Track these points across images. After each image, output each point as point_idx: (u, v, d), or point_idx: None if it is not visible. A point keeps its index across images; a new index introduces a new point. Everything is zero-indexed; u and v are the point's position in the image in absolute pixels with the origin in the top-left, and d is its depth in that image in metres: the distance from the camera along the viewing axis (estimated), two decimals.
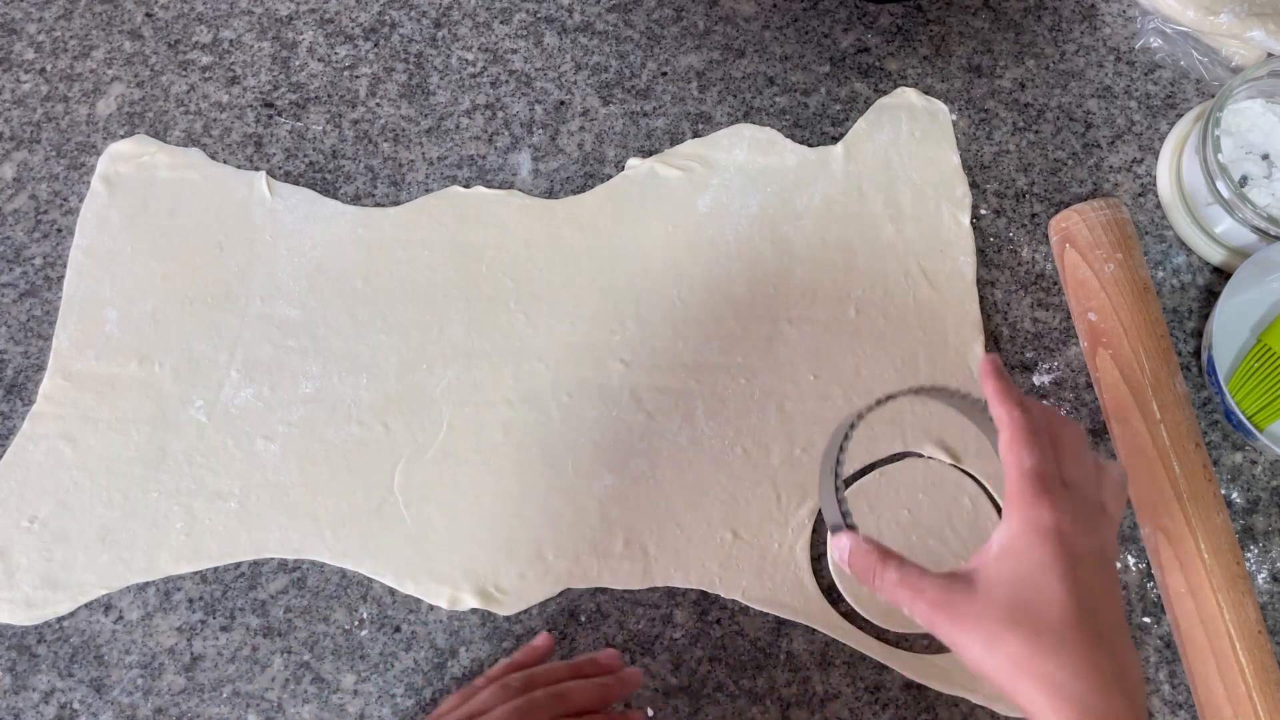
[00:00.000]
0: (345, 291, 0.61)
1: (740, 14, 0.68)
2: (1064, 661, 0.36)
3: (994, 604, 0.38)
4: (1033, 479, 0.39)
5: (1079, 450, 0.42)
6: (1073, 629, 0.36)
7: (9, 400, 0.60)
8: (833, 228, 0.62)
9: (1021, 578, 0.38)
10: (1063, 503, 0.39)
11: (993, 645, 0.37)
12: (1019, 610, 0.37)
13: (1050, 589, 0.37)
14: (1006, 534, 0.39)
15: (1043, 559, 0.38)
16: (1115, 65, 0.66)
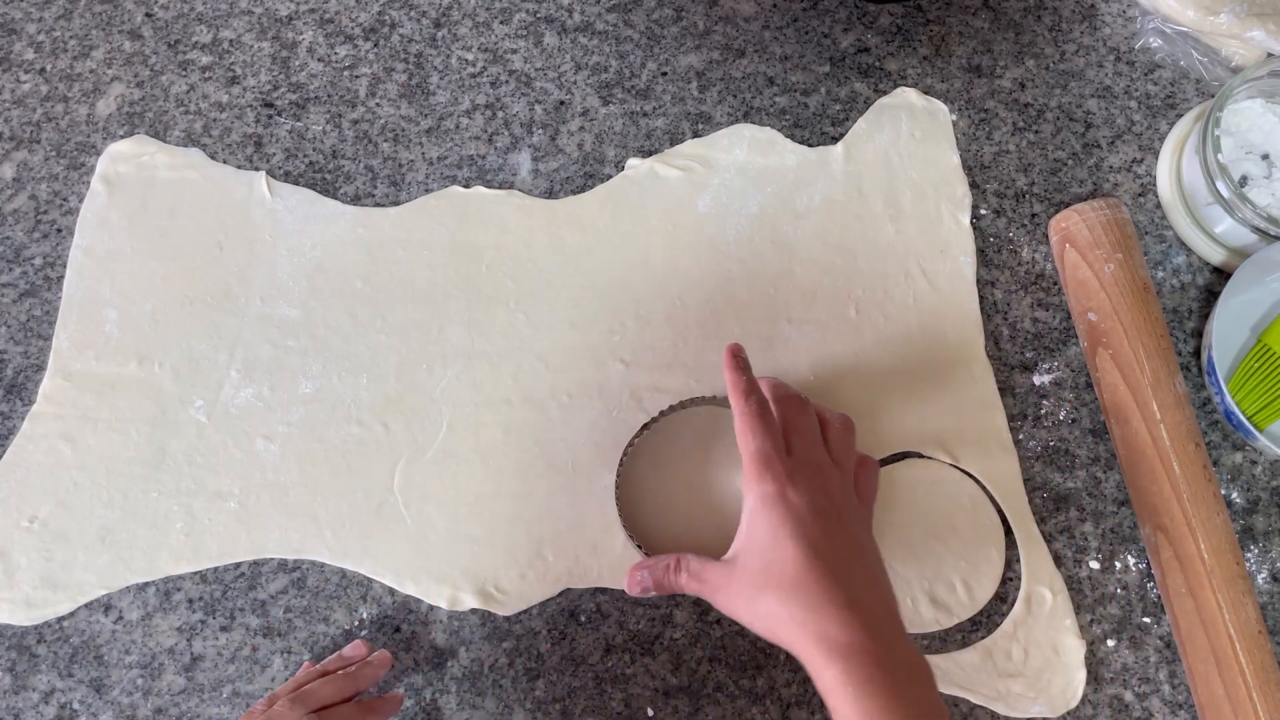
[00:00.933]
0: (345, 291, 0.61)
1: (740, 14, 0.68)
2: (804, 603, 0.43)
3: (749, 573, 0.45)
4: (758, 458, 0.46)
5: (800, 418, 0.49)
6: (806, 574, 0.43)
7: (9, 400, 0.60)
8: (833, 228, 0.62)
9: (762, 546, 0.45)
10: (782, 473, 0.46)
11: (754, 606, 0.45)
12: (767, 573, 0.44)
13: (783, 548, 0.44)
14: (747, 511, 0.46)
15: (773, 524, 0.45)
16: (1115, 65, 0.66)
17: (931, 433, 0.57)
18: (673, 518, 0.54)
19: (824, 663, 0.42)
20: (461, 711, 0.53)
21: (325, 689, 0.50)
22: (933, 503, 0.56)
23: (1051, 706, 0.52)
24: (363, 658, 0.53)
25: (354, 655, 0.53)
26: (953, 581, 0.55)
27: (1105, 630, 0.54)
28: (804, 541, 0.44)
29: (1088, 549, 0.56)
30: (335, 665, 0.52)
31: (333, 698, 0.50)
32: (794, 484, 0.45)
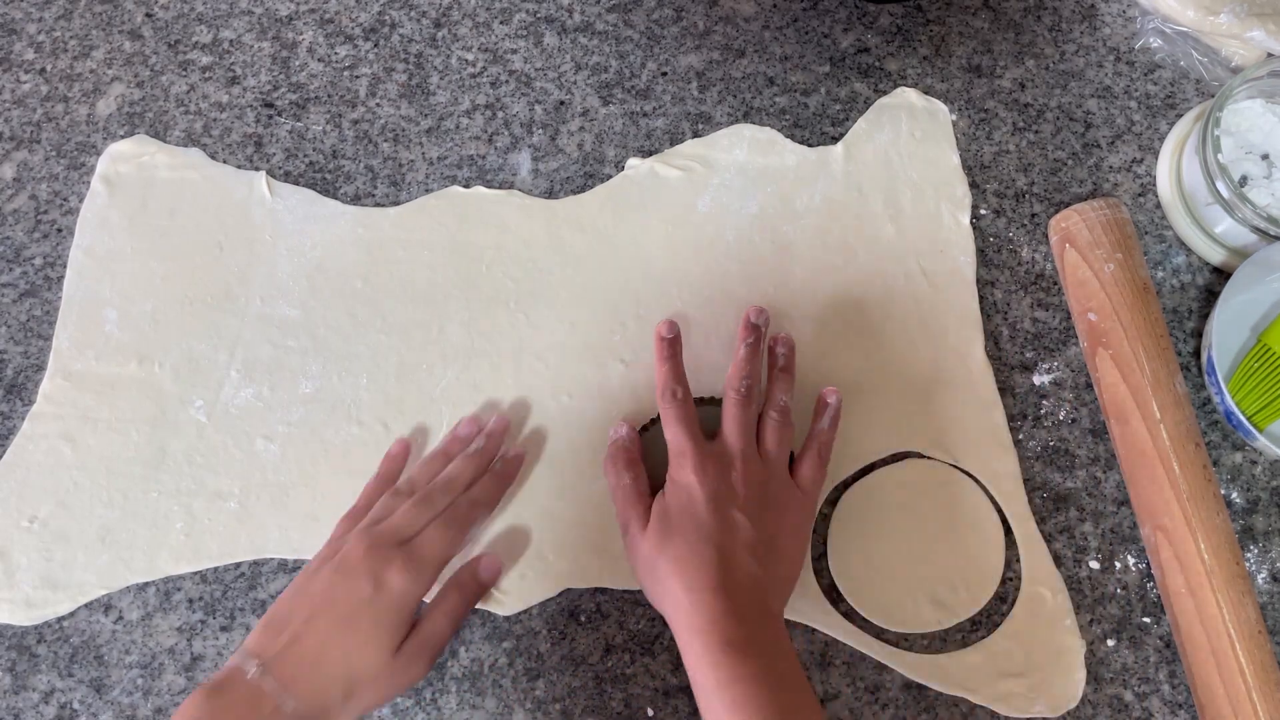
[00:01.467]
0: (345, 291, 0.61)
1: (740, 14, 0.68)
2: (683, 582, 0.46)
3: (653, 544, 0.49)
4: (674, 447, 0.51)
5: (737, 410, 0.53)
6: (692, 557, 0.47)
7: (9, 400, 0.60)
8: (833, 228, 0.62)
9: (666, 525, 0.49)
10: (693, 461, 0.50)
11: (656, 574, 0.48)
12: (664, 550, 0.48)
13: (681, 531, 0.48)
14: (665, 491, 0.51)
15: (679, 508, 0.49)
16: (1115, 65, 0.66)
17: (931, 433, 0.57)
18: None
19: (685, 637, 0.45)
20: (461, 711, 0.53)
21: (464, 471, 0.54)
22: (933, 503, 0.56)
23: (1051, 706, 0.52)
24: (477, 433, 0.56)
25: (469, 433, 0.56)
26: (953, 581, 0.55)
27: (1105, 630, 0.54)
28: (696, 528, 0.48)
29: (1088, 549, 0.56)
30: (458, 447, 0.56)
31: (472, 477, 0.54)
32: (698, 472, 0.49)
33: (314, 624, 0.46)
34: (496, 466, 0.55)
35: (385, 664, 0.46)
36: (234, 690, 0.44)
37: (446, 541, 0.50)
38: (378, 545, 0.49)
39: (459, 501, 0.52)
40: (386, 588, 0.47)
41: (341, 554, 0.49)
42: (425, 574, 0.49)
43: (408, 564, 0.48)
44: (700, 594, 0.46)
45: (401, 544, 0.49)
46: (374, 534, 0.49)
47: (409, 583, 0.48)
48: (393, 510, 0.51)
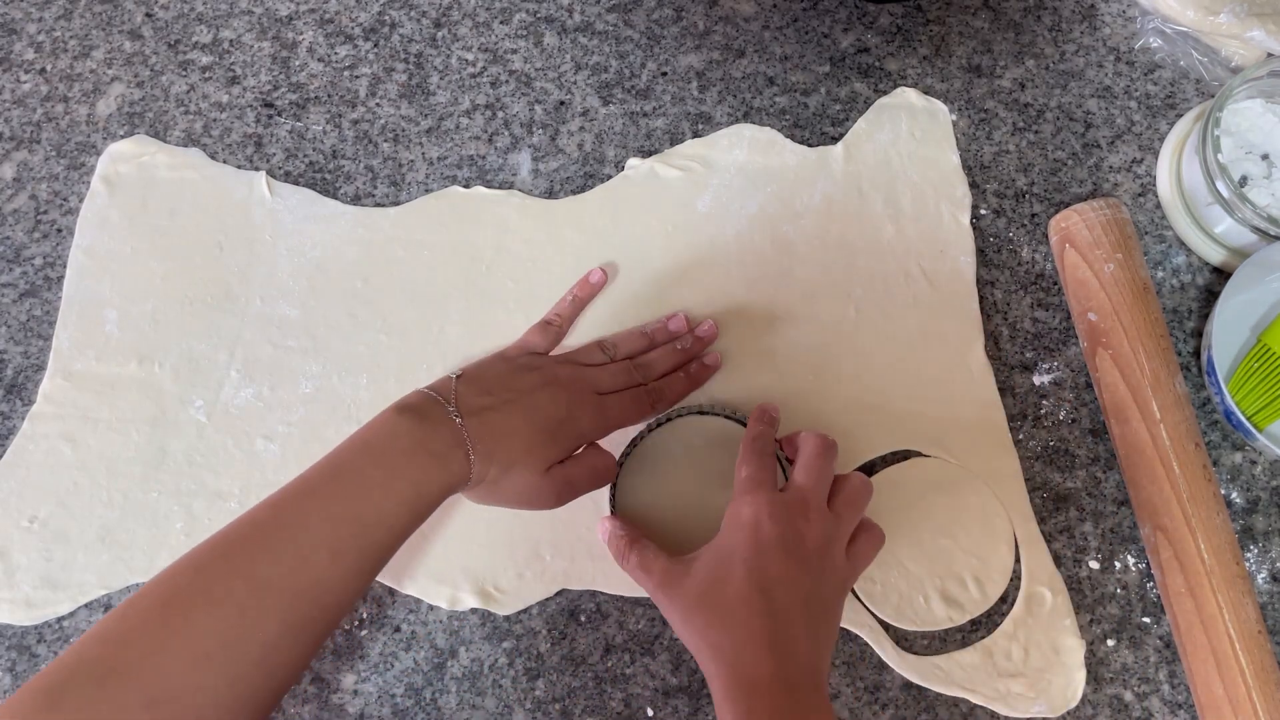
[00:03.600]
0: (345, 291, 0.61)
1: (740, 14, 0.68)
2: (730, 632, 0.43)
3: (696, 585, 0.45)
4: (744, 485, 0.48)
5: (813, 460, 0.49)
6: (743, 606, 0.43)
7: (9, 400, 0.60)
8: (833, 228, 0.62)
9: (718, 562, 0.45)
10: (764, 502, 0.46)
11: (688, 619, 0.45)
12: (709, 591, 0.45)
13: (733, 571, 0.44)
14: (721, 530, 0.47)
15: (735, 546, 0.45)
16: (1115, 65, 0.66)
17: (931, 433, 0.57)
18: (668, 532, 0.54)
19: (728, 693, 0.42)
20: (461, 711, 0.53)
21: (664, 361, 0.57)
22: (941, 500, 0.56)
23: (1051, 706, 0.52)
24: (686, 330, 0.58)
25: (678, 329, 0.58)
26: (964, 578, 0.55)
27: (1105, 630, 0.54)
28: (755, 573, 0.44)
29: (1088, 549, 0.56)
30: (663, 336, 0.58)
31: (668, 369, 0.57)
32: (772, 515, 0.45)
33: (513, 408, 0.49)
34: (692, 368, 0.57)
35: (538, 475, 0.49)
36: (438, 420, 0.46)
37: (629, 415, 0.54)
38: (580, 383, 0.52)
39: (653, 388, 0.55)
40: (575, 419, 0.50)
41: (550, 370, 0.52)
42: (604, 428, 0.52)
43: (597, 413, 0.52)
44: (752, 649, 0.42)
45: (598, 394, 0.53)
46: (581, 372, 0.53)
47: (591, 427, 0.51)
48: (593, 359, 0.56)
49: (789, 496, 0.47)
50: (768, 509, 0.46)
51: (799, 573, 0.45)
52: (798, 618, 0.44)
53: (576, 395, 0.51)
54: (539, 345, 0.56)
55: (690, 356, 0.58)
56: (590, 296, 0.60)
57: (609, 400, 0.53)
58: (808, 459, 0.49)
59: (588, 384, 0.53)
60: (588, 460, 0.51)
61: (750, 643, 0.42)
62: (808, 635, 0.44)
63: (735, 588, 0.44)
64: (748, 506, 0.46)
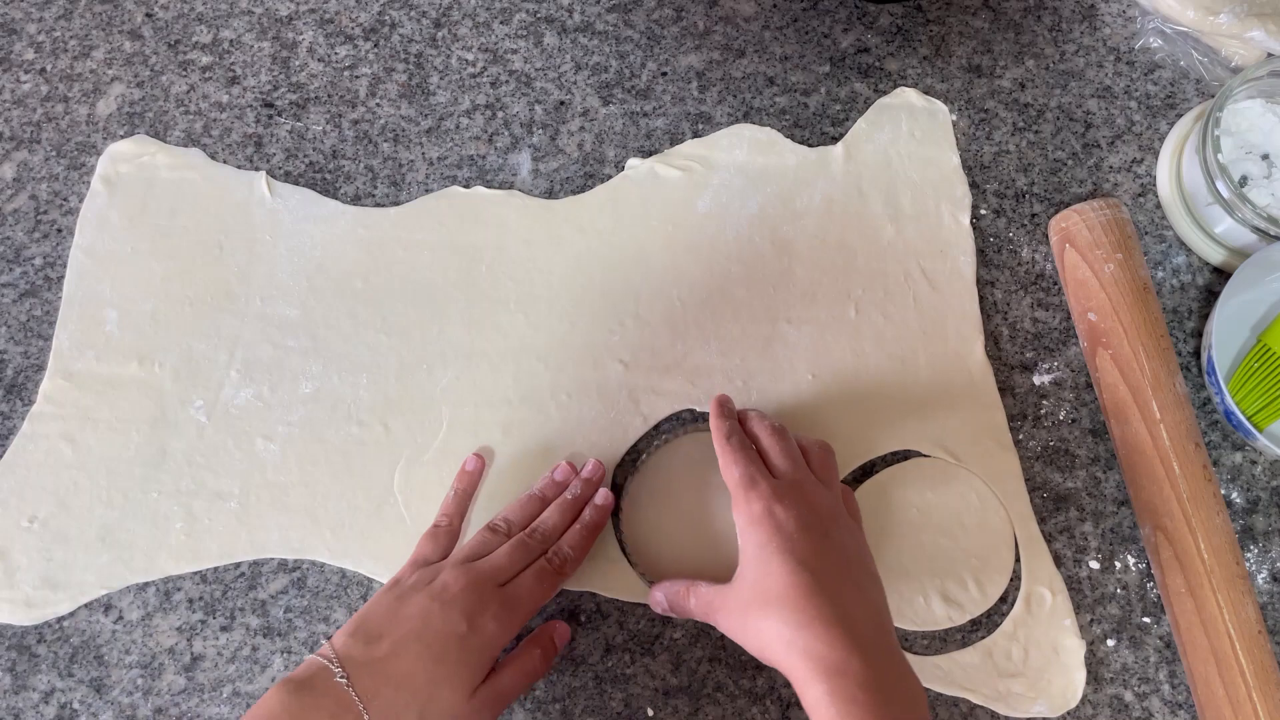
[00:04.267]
0: (345, 291, 0.61)
1: (740, 14, 0.68)
2: (792, 620, 0.42)
3: (742, 594, 0.45)
4: (742, 482, 0.47)
5: (781, 443, 0.50)
6: (792, 590, 0.43)
7: (9, 400, 0.60)
8: (833, 228, 0.62)
9: (754, 566, 0.45)
10: (766, 492, 0.46)
11: (746, 625, 0.45)
12: (756, 591, 0.44)
13: (770, 564, 0.44)
14: (740, 535, 0.46)
15: (760, 541, 0.45)
16: (1115, 65, 0.66)
17: (931, 433, 0.57)
18: (675, 549, 0.54)
19: (808, 680, 0.41)
20: None
21: (558, 518, 0.53)
22: (940, 500, 0.56)
23: (1051, 706, 0.52)
24: (573, 477, 0.55)
25: (565, 478, 0.56)
26: (964, 578, 0.55)
27: (1105, 630, 0.54)
28: (790, 557, 0.44)
29: (1088, 549, 0.56)
30: (553, 492, 0.55)
31: (565, 524, 0.53)
32: (780, 501, 0.46)
33: (406, 646, 0.45)
34: (586, 517, 0.54)
35: (461, 704, 0.45)
36: (322, 691, 0.44)
37: (540, 592, 0.50)
38: (477, 584, 0.48)
39: (553, 554, 0.51)
40: (480, 629, 0.47)
41: (440, 583, 0.48)
42: (516, 622, 0.48)
43: (502, 610, 0.48)
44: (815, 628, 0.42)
45: (498, 586, 0.49)
46: (474, 571, 0.49)
47: (500, 629, 0.47)
48: (489, 548, 0.51)
49: (784, 481, 0.48)
50: (773, 497, 0.46)
51: (828, 544, 0.45)
52: (847, 587, 0.44)
53: (474, 601, 0.47)
54: (431, 554, 0.51)
55: (583, 502, 0.55)
56: (473, 486, 0.55)
57: (511, 590, 0.49)
58: (774, 446, 0.50)
59: (486, 581, 0.48)
60: (517, 664, 0.49)
61: (812, 623, 0.42)
62: (861, 600, 0.44)
63: (780, 577, 0.43)
64: (755, 502, 0.46)
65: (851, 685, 0.40)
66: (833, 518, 0.47)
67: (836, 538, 0.46)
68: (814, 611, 0.42)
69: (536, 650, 0.50)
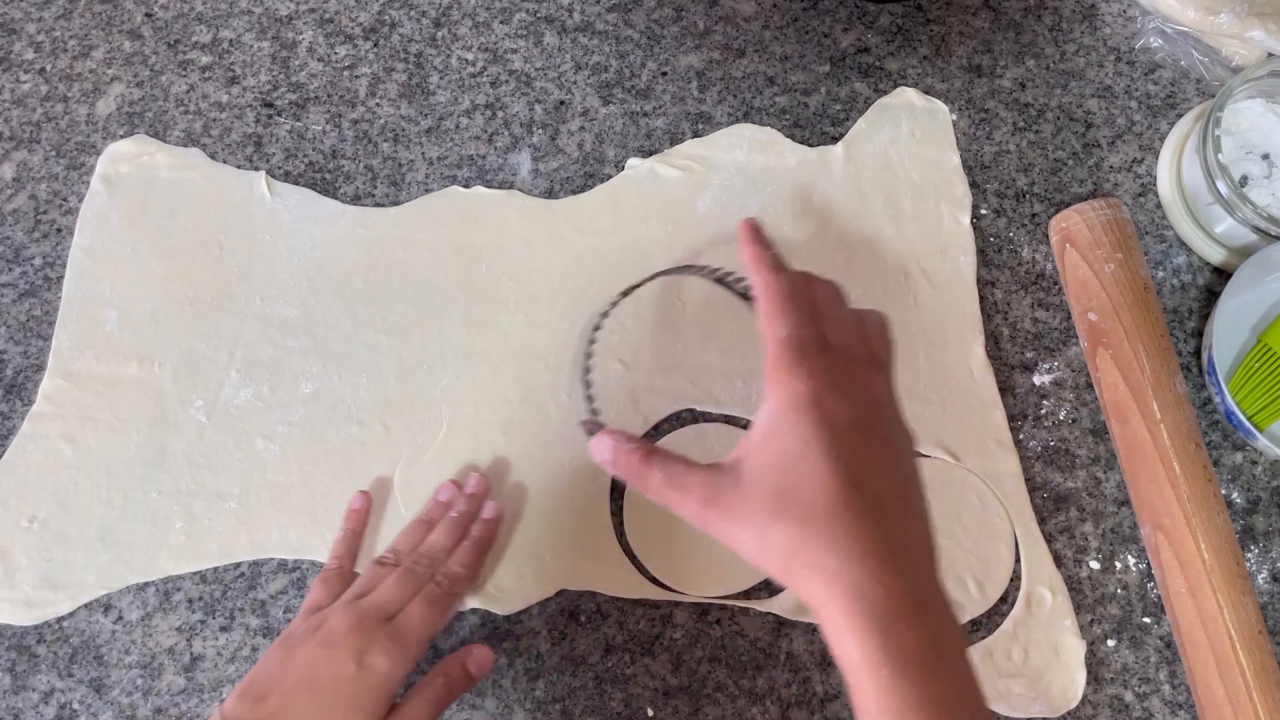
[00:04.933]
0: (345, 291, 0.61)
1: (740, 14, 0.68)
2: (835, 546, 0.34)
3: (760, 493, 0.35)
4: (789, 347, 0.38)
5: (837, 307, 0.41)
6: (841, 508, 0.34)
7: (9, 400, 0.60)
8: (833, 228, 0.62)
9: (785, 460, 0.36)
10: (820, 370, 0.37)
11: (764, 538, 0.35)
12: (785, 497, 0.35)
13: (814, 468, 0.35)
14: (767, 413, 0.37)
15: (804, 435, 0.35)
16: (1115, 65, 0.66)
17: (931, 433, 0.57)
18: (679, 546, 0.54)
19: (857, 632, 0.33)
20: (461, 711, 0.53)
21: (444, 539, 0.52)
22: (940, 500, 0.56)
23: (1051, 706, 0.52)
24: (458, 495, 0.55)
25: (449, 497, 0.55)
26: (964, 578, 0.55)
27: (1105, 630, 0.54)
28: (843, 463, 0.35)
29: (1088, 549, 0.56)
30: (439, 512, 0.54)
31: (454, 544, 0.52)
32: (835, 387, 0.36)
33: (294, 699, 0.44)
34: (474, 532, 0.53)
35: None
36: None
37: (431, 619, 0.48)
38: (363, 622, 0.46)
39: (440, 577, 0.50)
40: (370, 668, 0.45)
41: (326, 628, 0.46)
42: (409, 654, 0.46)
43: (392, 644, 0.46)
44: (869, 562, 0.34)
45: (386, 620, 0.47)
46: (359, 609, 0.47)
47: (392, 664, 0.45)
48: (377, 582, 0.49)
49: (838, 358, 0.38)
50: (826, 379, 0.37)
51: (886, 453, 0.37)
52: (903, 511, 0.36)
53: (361, 639, 0.45)
54: (324, 600, 0.50)
55: (470, 519, 0.54)
56: (363, 524, 0.55)
57: (400, 622, 0.47)
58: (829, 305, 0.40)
59: (371, 617, 0.47)
60: (420, 695, 0.46)
61: (865, 556, 0.33)
62: (919, 532, 0.36)
63: (825, 486, 0.34)
64: (802, 380, 0.37)
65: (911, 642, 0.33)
66: (892, 414, 0.38)
67: (894, 442, 0.38)
68: (867, 540, 0.34)
69: (439, 679, 0.47)
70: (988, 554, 0.55)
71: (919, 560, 0.35)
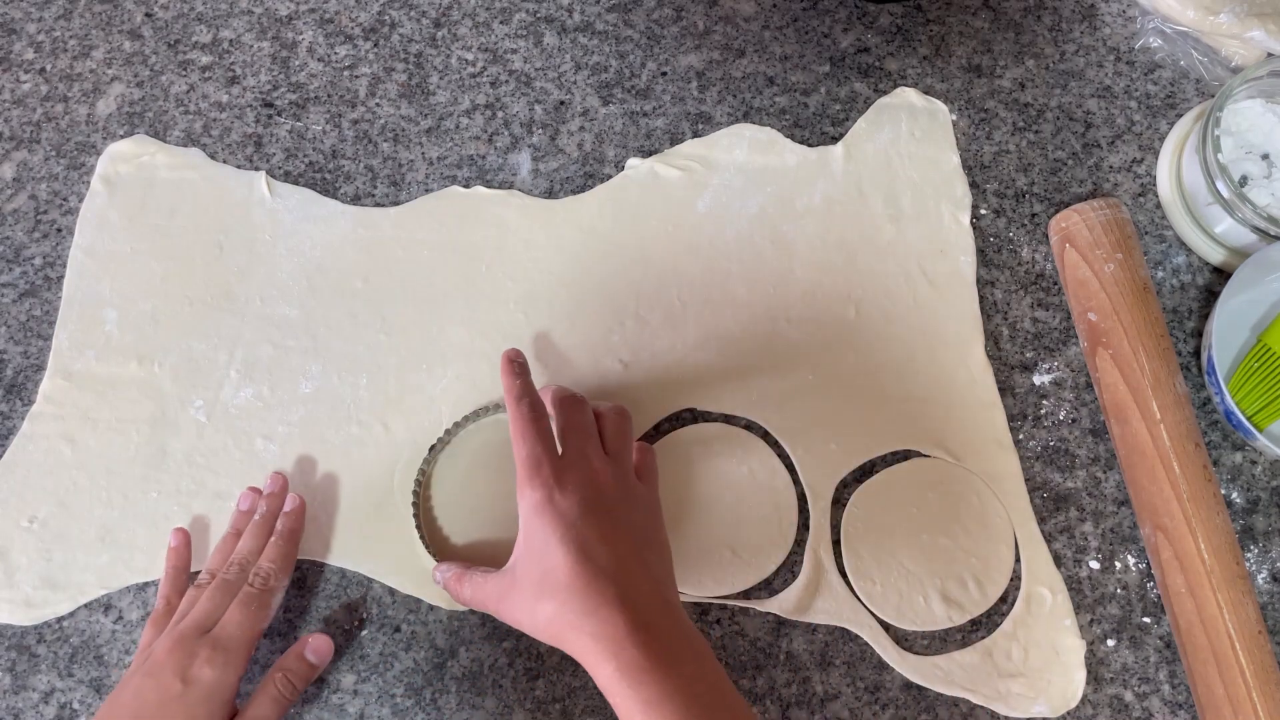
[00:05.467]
0: (345, 291, 0.61)
1: (740, 14, 0.68)
2: (577, 607, 0.43)
3: (527, 584, 0.45)
4: (526, 464, 0.46)
5: (576, 416, 0.50)
6: (577, 580, 0.43)
7: (9, 400, 0.60)
8: (833, 228, 0.62)
9: (536, 555, 0.45)
10: (550, 477, 0.46)
11: (534, 614, 0.45)
12: (542, 582, 0.44)
13: (555, 556, 0.44)
14: (521, 520, 0.46)
15: (545, 533, 0.45)
16: (1115, 65, 0.66)
17: (931, 433, 0.57)
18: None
19: (598, 662, 0.42)
20: (461, 711, 0.53)
21: (253, 541, 0.54)
22: (940, 500, 0.56)
23: (1051, 706, 0.52)
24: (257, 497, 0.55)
25: (250, 505, 0.55)
26: (964, 578, 0.55)
27: (1105, 630, 0.54)
28: (574, 546, 0.44)
29: (1088, 549, 0.56)
30: (244, 521, 0.55)
31: (261, 545, 0.54)
32: (562, 486, 0.46)
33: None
34: (280, 527, 0.54)
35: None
36: None
37: (249, 620, 0.50)
38: (182, 640, 0.48)
39: (253, 577, 0.51)
40: (195, 681, 0.47)
41: (150, 659, 0.48)
42: (234, 659, 0.48)
43: (214, 653, 0.48)
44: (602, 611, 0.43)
45: (206, 634, 0.49)
46: (178, 631, 0.49)
47: (218, 672, 0.47)
48: (193, 600, 0.51)
49: (568, 459, 0.47)
50: (555, 482, 0.46)
51: (612, 523, 0.46)
52: (631, 565, 0.45)
53: (183, 657, 0.47)
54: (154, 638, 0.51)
55: (274, 517, 0.55)
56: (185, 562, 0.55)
57: (219, 632, 0.49)
58: (565, 418, 0.49)
59: (191, 634, 0.48)
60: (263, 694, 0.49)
61: (598, 607, 0.43)
62: (644, 572, 0.45)
63: (563, 566, 0.44)
64: (538, 489, 0.46)
65: (639, 658, 0.42)
66: (618, 495, 0.47)
67: (622, 515, 0.47)
68: (598, 597, 0.43)
69: (278, 675, 0.50)
70: (988, 554, 0.55)
71: (644, 600, 0.44)
